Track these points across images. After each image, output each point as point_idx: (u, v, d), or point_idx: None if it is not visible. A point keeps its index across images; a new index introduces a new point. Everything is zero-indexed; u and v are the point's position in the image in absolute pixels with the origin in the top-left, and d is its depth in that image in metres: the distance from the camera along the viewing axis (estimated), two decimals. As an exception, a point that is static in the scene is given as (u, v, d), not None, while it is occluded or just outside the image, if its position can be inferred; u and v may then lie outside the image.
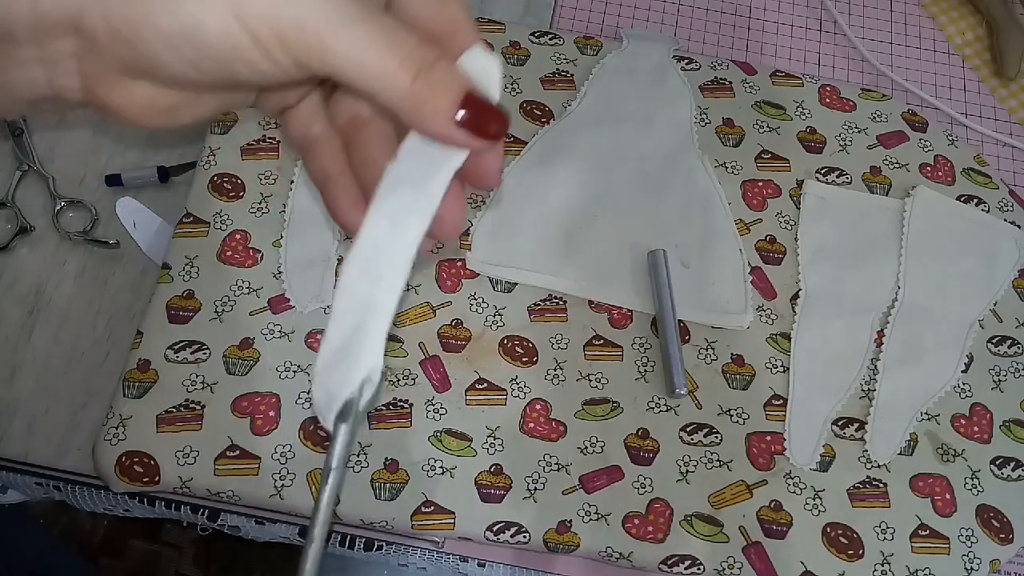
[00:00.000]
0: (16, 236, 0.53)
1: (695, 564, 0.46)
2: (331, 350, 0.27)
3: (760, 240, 0.55)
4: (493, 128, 0.25)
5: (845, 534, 0.48)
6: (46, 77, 0.24)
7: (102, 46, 0.23)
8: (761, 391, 0.51)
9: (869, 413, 0.51)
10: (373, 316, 0.27)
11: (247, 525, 0.49)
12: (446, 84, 0.24)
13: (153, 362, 0.49)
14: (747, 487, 0.49)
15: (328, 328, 0.27)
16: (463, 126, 0.25)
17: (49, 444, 0.49)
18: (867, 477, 0.49)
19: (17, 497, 0.52)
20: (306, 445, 0.47)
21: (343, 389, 0.27)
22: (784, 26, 0.67)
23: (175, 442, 0.47)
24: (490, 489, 0.47)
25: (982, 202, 0.58)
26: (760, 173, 0.58)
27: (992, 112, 0.65)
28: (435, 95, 0.24)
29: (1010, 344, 0.54)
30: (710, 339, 0.52)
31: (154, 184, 0.55)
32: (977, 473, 0.50)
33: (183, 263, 0.51)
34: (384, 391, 0.27)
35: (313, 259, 0.52)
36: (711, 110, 0.59)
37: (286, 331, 0.50)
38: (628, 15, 0.66)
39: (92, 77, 0.24)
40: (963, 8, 0.69)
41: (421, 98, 0.24)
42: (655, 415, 0.50)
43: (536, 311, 0.52)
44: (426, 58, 0.24)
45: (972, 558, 0.48)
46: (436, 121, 0.25)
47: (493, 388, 0.50)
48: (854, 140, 0.60)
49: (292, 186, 0.54)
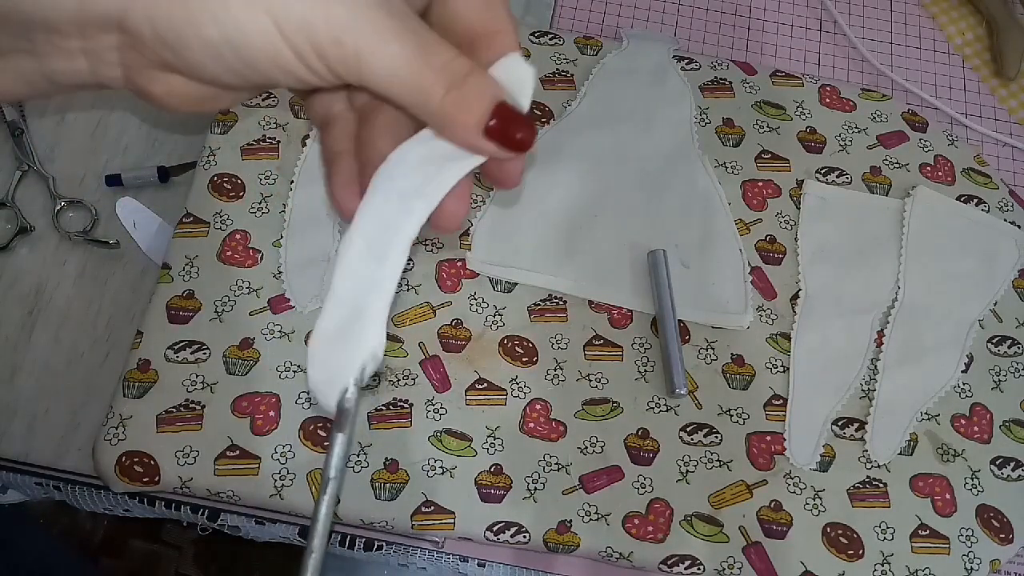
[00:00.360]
0: (16, 236, 0.53)
1: (695, 564, 0.46)
2: (330, 328, 0.27)
3: (760, 240, 0.55)
4: (520, 139, 0.25)
5: (845, 534, 0.48)
6: (90, 67, 0.24)
7: (144, 45, 0.23)
8: (761, 391, 0.51)
9: (869, 413, 0.51)
10: (376, 296, 0.27)
11: (247, 525, 0.49)
12: (477, 97, 0.25)
13: (153, 362, 0.49)
14: (747, 487, 0.49)
15: (326, 307, 0.27)
16: (491, 138, 0.25)
17: (49, 444, 0.49)
18: (867, 477, 0.49)
19: (17, 497, 0.52)
20: (306, 445, 0.47)
21: (344, 370, 0.27)
22: (784, 26, 0.67)
23: (175, 442, 0.47)
24: (490, 489, 0.47)
25: (982, 202, 0.58)
26: (760, 173, 0.58)
27: (992, 112, 0.65)
28: (465, 109, 0.25)
29: (1010, 344, 0.54)
30: (710, 339, 0.52)
31: (154, 184, 0.55)
32: (977, 473, 0.50)
33: (183, 263, 0.51)
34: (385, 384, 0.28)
35: (313, 259, 0.52)
36: (711, 110, 0.59)
37: (286, 331, 0.50)
38: (628, 15, 0.66)
39: (133, 69, 0.25)
40: (963, 8, 0.69)
41: (452, 111, 0.25)
42: (655, 415, 0.50)
43: (536, 311, 0.52)
44: (459, 72, 0.24)
45: (972, 558, 0.48)
46: (465, 133, 0.25)
47: (493, 388, 0.50)
48: (854, 140, 0.60)
49: (292, 186, 0.54)
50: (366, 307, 0.27)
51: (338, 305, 0.27)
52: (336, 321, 0.27)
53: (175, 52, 0.23)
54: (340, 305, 0.27)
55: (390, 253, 0.27)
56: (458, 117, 0.25)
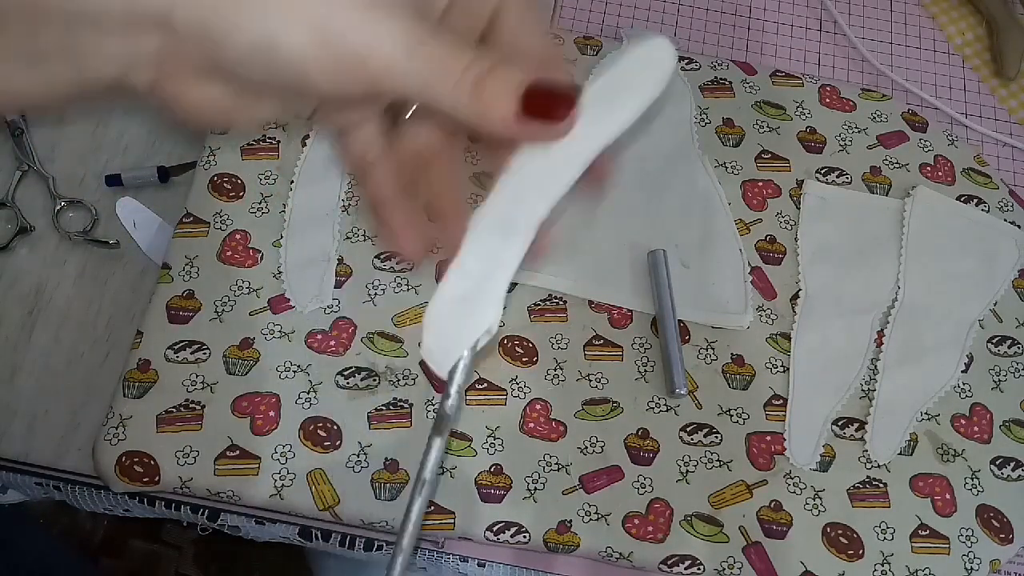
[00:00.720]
0: (16, 236, 0.53)
1: (695, 564, 0.46)
2: (452, 298, 0.28)
3: (760, 240, 0.55)
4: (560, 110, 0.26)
5: (845, 534, 0.48)
6: (120, 69, 0.25)
7: (185, 46, 0.24)
8: (761, 391, 0.51)
9: (869, 413, 0.51)
10: (501, 272, 0.28)
11: (247, 525, 0.49)
12: (503, 87, 0.25)
13: (153, 362, 0.49)
14: (747, 487, 0.49)
15: (450, 277, 0.28)
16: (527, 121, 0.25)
17: (49, 444, 0.49)
18: (867, 477, 0.49)
19: (17, 497, 0.52)
20: (306, 445, 0.47)
21: (461, 340, 0.28)
22: (784, 26, 0.67)
23: (175, 442, 0.47)
24: (490, 489, 0.47)
25: (982, 202, 0.58)
26: (760, 173, 0.58)
27: (992, 112, 0.65)
28: (494, 102, 0.25)
29: (1010, 344, 0.54)
30: (710, 339, 0.52)
31: (154, 184, 0.55)
32: (977, 473, 0.50)
33: (183, 263, 0.51)
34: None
35: (313, 259, 0.52)
36: (711, 110, 0.59)
37: (286, 331, 0.50)
38: (628, 15, 0.66)
39: (166, 73, 0.25)
40: (963, 8, 0.69)
41: (483, 108, 0.25)
42: (655, 415, 0.50)
43: (536, 311, 0.52)
44: (482, 68, 0.25)
45: (972, 558, 0.48)
46: (501, 125, 0.26)
47: (493, 388, 0.50)
48: (854, 140, 0.60)
49: (292, 186, 0.54)
50: (489, 282, 0.28)
51: (463, 277, 0.28)
52: (459, 291, 0.28)
53: (214, 51, 0.24)
54: (465, 277, 0.28)
55: (518, 230, 0.28)
56: (489, 112, 0.25)
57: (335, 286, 0.52)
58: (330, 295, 0.51)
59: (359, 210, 0.54)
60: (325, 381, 0.49)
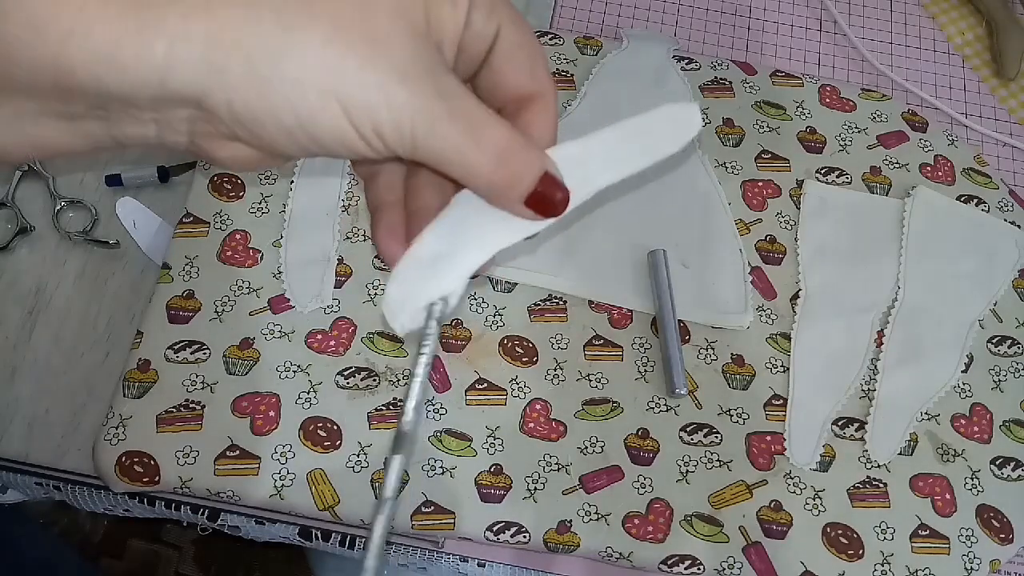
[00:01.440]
0: (16, 236, 0.53)
1: (695, 564, 0.46)
2: (422, 254, 0.28)
3: (760, 240, 0.55)
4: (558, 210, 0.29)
5: (845, 534, 0.48)
6: (157, 133, 0.26)
7: (219, 122, 0.25)
8: (761, 391, 0.51)
9: (869, 413, 0.51)
10: (476, 247, 0.28)
11: (247, 525, 0.49)
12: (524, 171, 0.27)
13: (153, 362, 0.49)
14: (747, 487, 0.49)
15: (426, 235, 0.28)
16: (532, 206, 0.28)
17: (49, 444, 0.49)
18: (867, 477, 0.49)
19: (17, 497, 0.52)
20: (306, 445, 0.47)
21: (420, 296, 0.28)
22: (784, 26, 0.67)
23: (175, 442, 0.47)
24: (490, 489, 0.47)
25: (982, 202, 0.58)
26: (760, 173, 0.58)
27: (992, 112, 0.65)
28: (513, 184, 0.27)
29: (1010, 344, 0.54)
30: (710, 339, 0.52)
31: (154, 184, 0.55)
32: (977, 473, 0.50)
33: (183, 263, 0.51)
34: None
35: (313, 259, 0.52)
36: (711, 110, 0.59)
37: (286, 331, 0.50)
38: (628, 15, 0.66)
39: (201, 136, 0.26)
40: (963, 8, 0.69)
41: (500, 187, 0.27)
42: (655, 415, 0.50)
43: (536, 311, 0.52)
44: (508, 150, 0.27)
45: (972, 558, 0.48)
46: (510, 205, 0.28)
47: (493, 388, 0.50)
48: (854, 140, 0.60)
49: (292, 186, 0.54)
50: (462, 251, 0.28)
51: (439, 237, 0.28)
52: (430, 251, 0.28)
53: (250, 132, 0.25)
54: (440, 239, 0.28)
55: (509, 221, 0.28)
56: (505, 192, 0.27)
57: (335, 286, 0.52)
58: (330, 295, 0.51)
59: (359, 210, 0.54)
60: (325, 381, 0.49)
